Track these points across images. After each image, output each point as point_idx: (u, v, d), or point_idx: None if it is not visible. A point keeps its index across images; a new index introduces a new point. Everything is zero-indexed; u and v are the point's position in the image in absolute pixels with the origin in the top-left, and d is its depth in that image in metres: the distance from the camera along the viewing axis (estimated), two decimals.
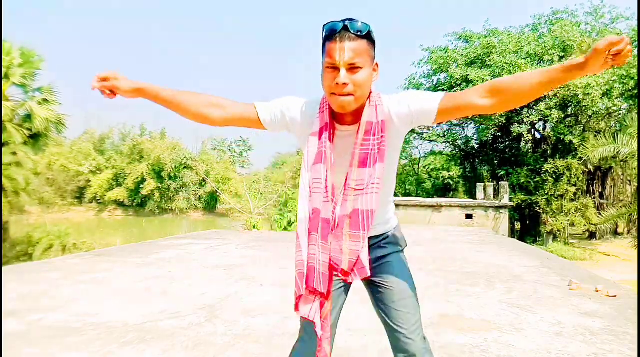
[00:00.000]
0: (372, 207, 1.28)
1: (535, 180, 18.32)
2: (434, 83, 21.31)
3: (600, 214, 15.75)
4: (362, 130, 1.29)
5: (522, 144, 20.67)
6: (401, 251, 1.56)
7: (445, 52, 20.32)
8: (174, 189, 36.25)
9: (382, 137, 1.28)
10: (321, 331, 1.34)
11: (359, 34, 1.22)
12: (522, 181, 18.48)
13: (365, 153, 1.29)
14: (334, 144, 1.34)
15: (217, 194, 35.12)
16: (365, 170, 1.28)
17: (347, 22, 1.21)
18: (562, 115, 17.71)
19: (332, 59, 1.22)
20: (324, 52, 1.26)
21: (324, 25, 1.25)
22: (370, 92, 1.32)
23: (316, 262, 1.29)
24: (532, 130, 20.01)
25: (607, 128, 18.89)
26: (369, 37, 1.24)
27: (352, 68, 1.22)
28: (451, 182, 27.82)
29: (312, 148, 1.33)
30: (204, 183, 36.58)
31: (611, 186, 20.74)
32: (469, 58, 19.54)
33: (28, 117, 13.83)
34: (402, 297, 1.43)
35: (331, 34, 1.23)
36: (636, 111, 16.09)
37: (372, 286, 1.49)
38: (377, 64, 1.32)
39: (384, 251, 1.49)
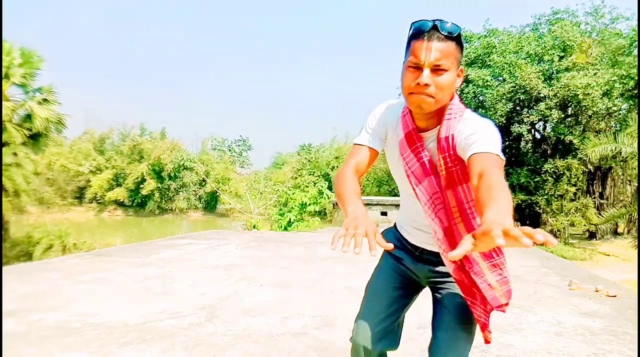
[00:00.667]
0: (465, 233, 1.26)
1: (535, 180, 18.32)
2: None
3: (600, 214, 15.76)
4: (444, 144, 1.25)
5: (522, 144, 20.67)
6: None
7: None
8: (174, 189, 36.24)
9: (453, 152, 1.25)
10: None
11: (448, 35, 1.16)
12: (522, 180, 18.48)
13: (453, 171, 1.27)
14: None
15: (217, 194, 35.13)
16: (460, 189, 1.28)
17: (437, 22, 1.16)
18: (562, 115, 17.71)
19: (417, 57, 1.16)
20: (407, 50, 1.20)
21: (412, 24, 1.20)
22: (452, 98, 1.26)
23: None
24: (532, 130, 20.01)
25: (607, 128, 18.88)
26: (458, 39, 1.19)
27: (437, 69, 1.16)
28: None
29: (407, 157, 1.33)
30: (204, 183, 36.58)
31: (611, 186, 20.74)
32: (469, 58, 19.54)
33: (28, 117, 13.84)
34: (454, 322, 1.40)
35: (419, 33, 1.17)
36: (636, 111, 16.09)
37: (435, 288, 1.51)
38: (462, 70, 1.26)
39: (445, 276, 1.46)
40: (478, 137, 1.16)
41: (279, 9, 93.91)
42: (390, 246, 1.09)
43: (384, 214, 12.16)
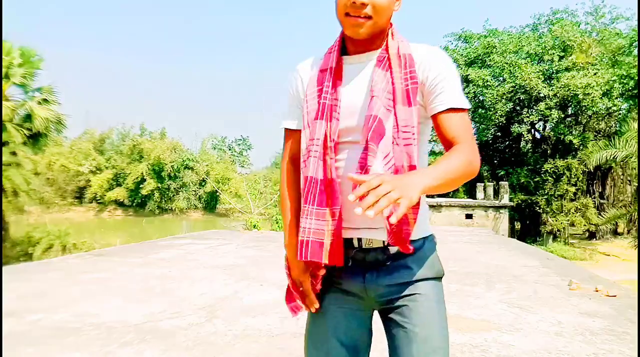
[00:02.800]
0: (415, 163, 1.03)
1: (535, 180, 18.33)
2: None
3: (600, 214, 15.78)
4: (395, 60, 1.07)
5: (522, 144, 20.68)
6: (437, 279, 1.13)
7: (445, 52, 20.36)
8: (174, 189, 36.27)
9: (412, 72, 1.06)
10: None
11: None
12: (522, 180, 18.50)
13: (407, 88, 1.05)
14: (343, 81, 1.12)
15: (217, 193, 35.13)
16: (411, 110, 1.04)
17: None
18: (562, 115, 17.74)
19: None
20: None
21: None
22: (390, 25, 1.12)
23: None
24: (532, 130, 20.02)
25: (607, 128, 18.91)
26: None
27: None
28: None
29: (311, 96, 1.13)
30: (204, 183, 36.59)
31: (611, 186, 20.76)
32: (469, 58, 19.56)
33: (28, 117, 13.85)
34: (427, 352, 1.04)
35: None
36: (636, 111, 16.09)
37: (389, 321, 1.11)
38: None
39: (411, 274, 1.09)
40: (446, 84, 1.05)
41: (279, 9, 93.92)
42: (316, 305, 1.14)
43: None
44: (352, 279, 1.12)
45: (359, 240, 1.10)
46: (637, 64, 16.56)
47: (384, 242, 1.08)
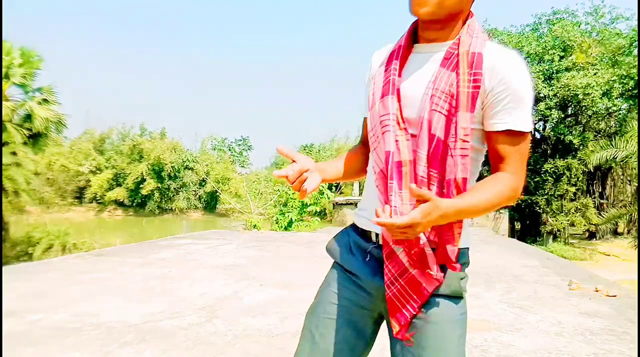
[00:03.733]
0: (467, 175, 0.96)
1: (535, 180, 18.34)
2: None
3: (600, 214, 15.77)
4: (464, 60, 0.96)
5: None
6: (460, 298, 1.03)
7: None
8: (174, 189, 36.28)
9: (476, 74, 0.95)
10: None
11: None
12: None
13: (469, 92, 0.95)
14: (407, 69, 1.04)
15: (217, 193, 35.13)
16: (472, 116, 0.95)
17: None
18: (562, 115, 17.74)
19: None
20: None
21: None
22: (470, 15, 1.02)
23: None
24: (532, 130, 20.06)
25: (607, 128, 18.91)
26: None
27: None
28: None
29: (377, 81, 1.07)
30: (204, 183, 36.59)
31: (611, 186, 20.76)
32: None
33: (28, 117, 13.86)
34: None
35: None
36: (636, 111, 16.10)
37: (396, 344, 1.05)
38: None
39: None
40: (512, 100, 0.95)
41: (280, 10, 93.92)
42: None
43: None
44: (366, 275, 1.07)
45: (377, 235, 1.06)
46: (637, 64, 16.56)
47: None
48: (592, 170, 18.61)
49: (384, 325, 1.13)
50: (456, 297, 1.02)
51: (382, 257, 1.03)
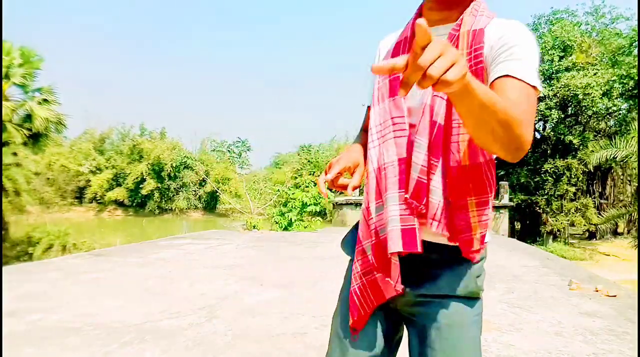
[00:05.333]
0: (487, 157, 0.92)
1: (535, 180, 18.34)
2: None
3: (600, 214, 15.78)
4: (464, 39, 0.92)
5: None
6: (476, 299, 1.01)
7: None
8: (174, 189, 36.28)
9: (477, 50, 0.90)
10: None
11: None
12: (522, 180, 18.51)
13: (471, 70, 0.89)
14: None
15: (217, 194, 35.14)
16: None
17: None
18: (562, 115, 17.74)
19: None
20: None
21: None
22: None
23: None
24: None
25: (607, 128, 18.91)
26: None
27: None
28: None
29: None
30: (203, 183, 36.60)
31: (611, 186, 20.77)
32: None
33: (28, 117, 13.86)
34: None
35: None
36: (636, 111, 16.10)
37: (413, 337, 1.03)
38: None
39: (448, 286, 0.98)
40: (512, 51, 0.87)
41: (279, 9, 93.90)
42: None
43: None
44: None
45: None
46: (637, 64, 16.57)
47: (424, 241, 0.96)
48: (592, 171, 18.62)
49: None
50: (473, 299, 1.00)
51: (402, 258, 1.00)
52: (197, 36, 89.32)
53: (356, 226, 1.15)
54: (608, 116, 18.94)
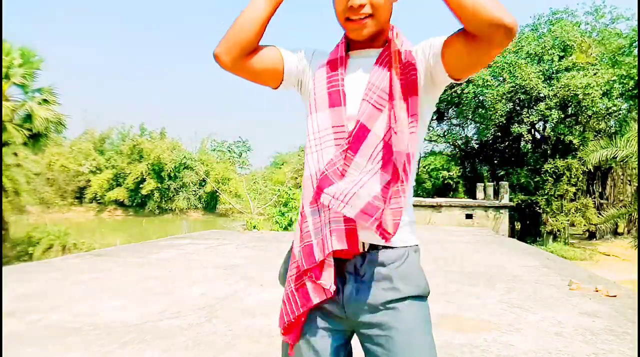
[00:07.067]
0: (412, 150, 0.98)
1: (535, 180, 18.33)
2: None
3: (600, 214, 15.77)
4: (396, 57, 1.03)
5: (522, 144, 20.68)
6: (422, 298, 1.04)
7: None
8: (174, 189, 36.27)
9: (411, 65, 1.02)
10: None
11: None
12: (522, 180, 18.50)
13: (405, 81, 1.01)
14: (347, 73, 1.09)
15: (217, 194, 35.12)
16: (414, 100, 1.00)
17: None
18: (562, 115, 17.72)
19: None
20: None
21: None
22: (392, 27, 1.10)
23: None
24: (532, 130, 20.01)
25: (607, 128, 18.91)
26: None
27: None
28: (451, 182, 27.83)
29: (319, 84, 1.08)
30: (203, 183, 36.59)
31: (611, 186, 20.76)
32: None
33: (28, 117, 13.85)
34: None
35: None
36: (636, 111, 16.10)
37: (368, 350, 1.01)
38: None
39: (394, 291, 0.99)
40: (440, 37, 1.03)
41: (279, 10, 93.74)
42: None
43: None
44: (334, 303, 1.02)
45: None
46: (637, 64, 16.56)
47: (364, 244, 1.00)
48: (592, 170, 18.61)
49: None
50: (424, 297, 1.04)
51: (340, 267, 1.01)
52: (197, 36, 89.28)
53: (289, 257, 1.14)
54: (608, 116, 18.92)
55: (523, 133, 18.94)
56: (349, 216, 0.96)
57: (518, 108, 18.65)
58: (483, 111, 19.27)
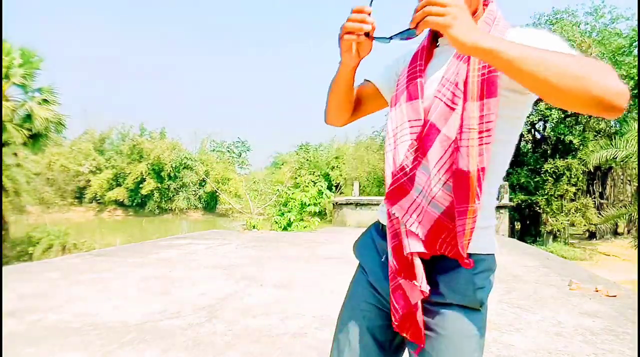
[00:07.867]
0: (485, 164, 0.88)
1: (535, 180, 18.33)
2: None
3: (600, 214, 15.77)
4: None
5: (522, 144, 20.68)
6: (470, 310, 0.96)
7: None
8: (174, 189, 36.29)
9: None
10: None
11: None
12: (522, 180, 18.50)
13: (483, 79, 0.89)
14: (430, 63, 1.03)
15: (217, 194, 35.14)
16: (488, 102, 0.88)
17: None
18: (562, 115, 17.73)
19: None
20: None
21: None
22: (487, 5, 1.00)
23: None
24: (532, 130, 20.02)
25: (607, 128, 18.90)
26: None
27: None
28: None
29: (402, 78, 1.04)
30: (203, 183, 36.61)
31: (611, 186, 20.75)
32: None
33: (28, 117, 13.85)
34: None
35: None
36: (636, 111, 16.09)
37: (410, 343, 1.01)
38: None
39: (446, 294, 0.96)
40: (533, 42, 0.83)
41: (279, 7, 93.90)
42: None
43: None
44: (379, 277, 1.04)
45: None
46: (637, 64, 16.57)
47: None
48: (592, 170, 18.61)
49: None
50: (473, 309, 0.96)
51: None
52: (197, 36, 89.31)
53: (369, 229, 1.14)
54: None
55: (523, 133, 18.95)
56: (420, 235, 0.93)
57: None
58: None
